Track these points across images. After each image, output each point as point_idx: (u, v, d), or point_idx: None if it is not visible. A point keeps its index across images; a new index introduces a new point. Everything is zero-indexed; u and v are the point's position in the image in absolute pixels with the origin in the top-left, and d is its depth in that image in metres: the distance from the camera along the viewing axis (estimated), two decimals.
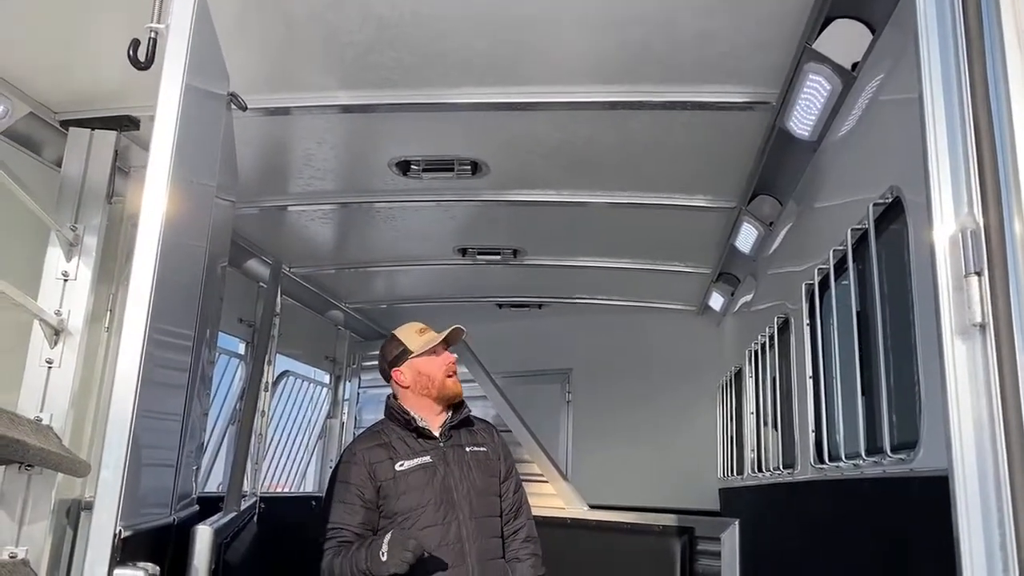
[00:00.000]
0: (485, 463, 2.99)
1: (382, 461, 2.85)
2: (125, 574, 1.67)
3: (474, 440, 3.03)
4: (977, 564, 1.38)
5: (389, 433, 2.95)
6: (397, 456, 2.87)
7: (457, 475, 2.89)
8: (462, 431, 3.02)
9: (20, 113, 3.07)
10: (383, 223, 4.85)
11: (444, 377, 2.97)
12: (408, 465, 2.85)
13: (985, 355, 1.41)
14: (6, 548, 2.52)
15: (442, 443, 2.94)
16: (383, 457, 2.86)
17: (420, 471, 2.85)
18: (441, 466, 2.88)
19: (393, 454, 2.87)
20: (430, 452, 2.90)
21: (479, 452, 3.00)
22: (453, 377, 3.00)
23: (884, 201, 2.48)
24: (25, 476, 2.59)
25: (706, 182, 4.10)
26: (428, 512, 2.80)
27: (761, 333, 4.59)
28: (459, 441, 2.98)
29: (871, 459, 2.56)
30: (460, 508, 2.83)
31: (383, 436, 2.94)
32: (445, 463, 2.89)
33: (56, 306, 2.86)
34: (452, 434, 2.98)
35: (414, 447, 2.90)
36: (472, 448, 2.99)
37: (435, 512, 2.80)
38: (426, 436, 2.93)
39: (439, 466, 2.88)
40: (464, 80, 3.08)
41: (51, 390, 2.79)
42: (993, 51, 1.52)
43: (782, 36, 2.69)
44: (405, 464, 2.85)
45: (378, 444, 2.90)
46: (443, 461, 2.90)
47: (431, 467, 2.87)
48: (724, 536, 4.36)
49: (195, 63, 1.99)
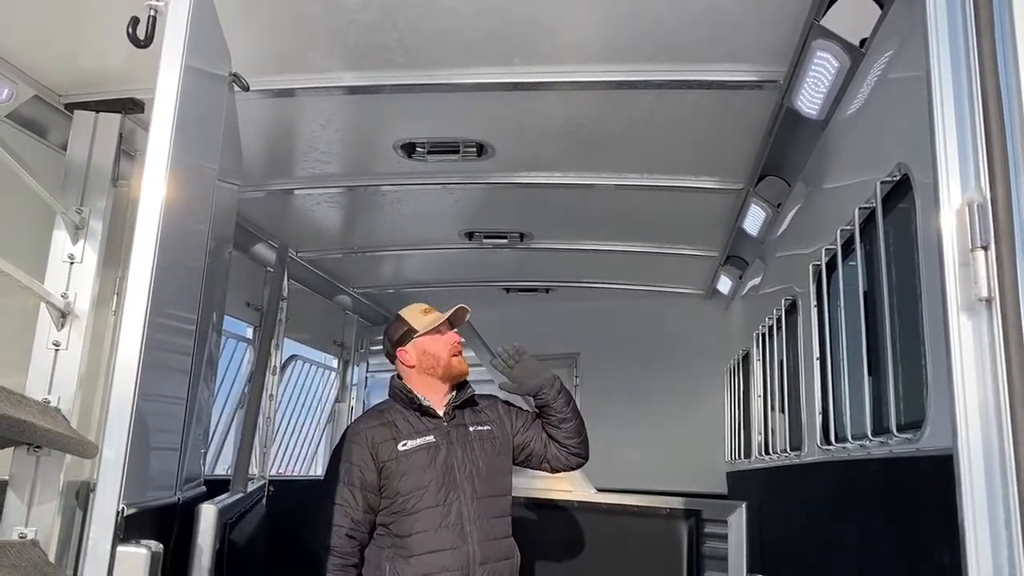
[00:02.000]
0: (491, 442, 2.98)
1: (385, 441, 2.85)
2: (128, 551, 1.68)
3: (478, 419, 3.02)
4: (982, 542, 1.37)
5: (393, 413, 2.95)
6: (400, 436, 2.87)
7: (460, 455, 2.88)
8: (466, 411, 3.02)
9: (25, 96, 3.07)
10: (389, 207, 4.84)
11: (449, 356, 2.98)
12: (411, 445, 2.85)
13: (991, 330, 1.40)
14: (16, 529, 2.54)
15: (446, 422, 2.94)
16: (386, 437, 2.86)
17: (423, 451, 2.85)
18: (444, 446, 2.88)
19: (396, 434, 2.87)
20: (433, 432, 2.90)
21: (483, 431, 2.99)
22: (458, 356, 3.01)
23: (892, 179, 2.46)
24: (33, 458, 2.60)
25: (714, 163, 4.07)
26: (429, 492, 2.80)
27: (769, 316, 4.57)
28: (463, 421, 2.98)
29: (878, 439, 2.55)
30: (462, 489, 2.83)
31: (387, 415, 2.94)
32: (448, 442, 2.89)
33: (62, 289, 2.87)
34: (456, 414, 2.98)
35: (417, 426, 2.90)
36: (476, 428, 2.98)
37: (436, 492, 2.80)
38: (430, 415, 2.94)
39: (442, 446, 2.88)
40: (469, 60, 3.06)
41: (58, 372, 2.80)
42: (1002, 25, 1.49)
43: (790, 12, 2.66)
44: (408, 444, 2.85)
45: (381, 423, 2.91)
46: (446, 441, 2.90)
47: (434, 447, 2.87)
48: (731, 519, 4.34)
49: (195, 42, 1.98)
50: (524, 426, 3.07)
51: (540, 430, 3.06)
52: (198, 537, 2.37)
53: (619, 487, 5.75)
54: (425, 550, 2.75)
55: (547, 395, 2.98)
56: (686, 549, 4.60)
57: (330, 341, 7.36)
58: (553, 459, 3.06)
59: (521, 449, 3.06)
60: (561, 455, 3.05)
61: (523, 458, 3.10)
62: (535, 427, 3.07)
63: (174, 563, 2.19)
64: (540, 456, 3.06)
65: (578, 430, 3.03)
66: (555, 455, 3.05)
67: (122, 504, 1.69)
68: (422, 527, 2.78)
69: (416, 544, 2.76)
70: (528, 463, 3.11)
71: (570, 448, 3.03)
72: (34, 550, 2.41)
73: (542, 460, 3.07)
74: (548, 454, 3.05)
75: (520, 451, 3.07)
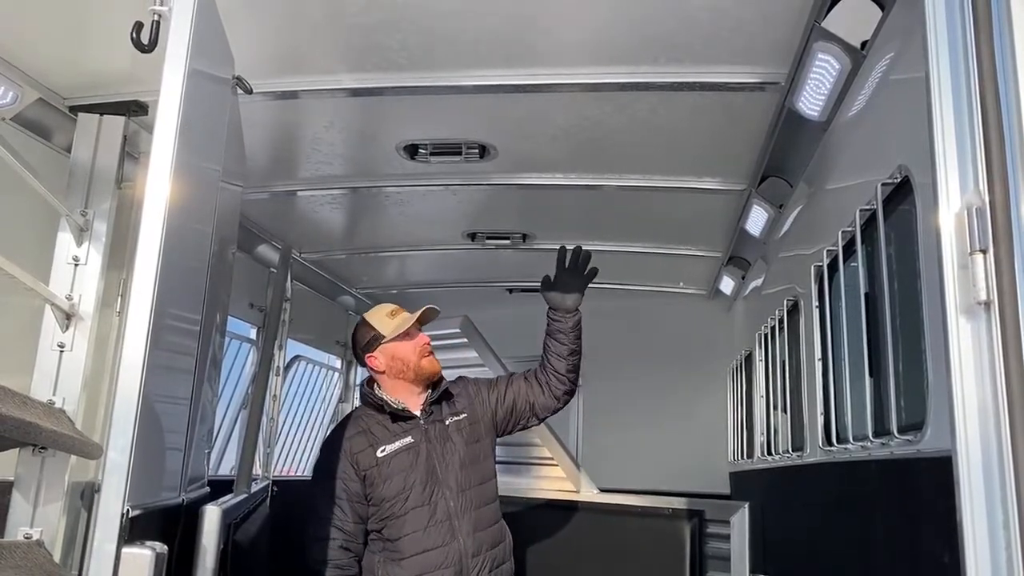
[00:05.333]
0: (469, 429, 2.95)
1: (363, 450, 2.83)
2: (133, 552, 1.70)
3: (453, 409, 2.98)
4: (980, 543, 1.38)
5: (367, 419, 2.92)
6: (377, 442, 2.84)
7: (440, 451, 2.86)
8: (442, 404, 2.99)
9: (29, 99, 3.09)
10: (392, 208, 4.85)
11: (419, 359, 2.94)
12: (389, 449, 2.83)
13: (990, 333, 1.40)
14: (21, 529, 2.56)
15: (422, 420, 2.91)
16: (364, 445, 2.84)
17: (403, 453, 2.83)
18: (423, 445, 2.86)
19: (373, 441, 2.85)
20: (411, 432, 2.87)
21: (461, 420, 2.95)
22: (429, 357, 2.96)
23: (892, 181, 2.46)
24: (39, 459, 2.62)
25: (715, 164, 4.07)
26: (414, 493, 2.78)
27: (771, 316, 4.57)
28: (439, 416, 2.95)
29: (878, 441, 2.56)
30: (446, 484, 2.82)
31: (361, 422, 2.91)
32: (427, 441, 2.87)
33: (67, 291, 2.89)
34: (432, 410, 2.95)
35: (394, 430, 2.87)
36: (453, 419, 2.95)
37: (421, 493, 2.79)
38: (404, 418, 2.92)
39: (421, 445, 2.86)
40: (471, 62, 3.07)
41: (63, 374, 2.82)
42: (1001, 27, 1.50)
43: (791, 14, 2.66)
44: (387, 448, 2.83)
45: (357, 432, 2.88)
46: (425, 439, 2.87)
47: (413, 448, 2.84)
48: (734, 519, 4.35)
49: (198, 46, 1.99)
50: (500, 390, 3.02)
51: (520, 383, 3.01)
52: (202, 538, 2.38)
53: (622, 487, 5.77)
54: (416, 551, 2.75)
55: (570, 319, 2.93)
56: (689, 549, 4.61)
57: (333, 342, 7.37)
58: (541, 406, 3.00)
59: (508, 412, 3.00)
60: (549, 393, 2.98)
61: (512, 419, 3.03)
62: (513, 384, 3.02)
63: (178, 564, 2.20)
64: (527, 409, 3.00)
65: (578, 365, 3.01)
66: (542, 401, 2.99)
67: (127, 505, 1.70)
68: (411, 528, 2.77)
69: (406, 546, 2.76)
70: (518, 423, 3.05)
71: (563, 381, 2.97)
72: (39, 551, 2.42)
73: (530, 413, 3.01)
74: (536, 401, 2.99)
75: (507, 416, 3.01)
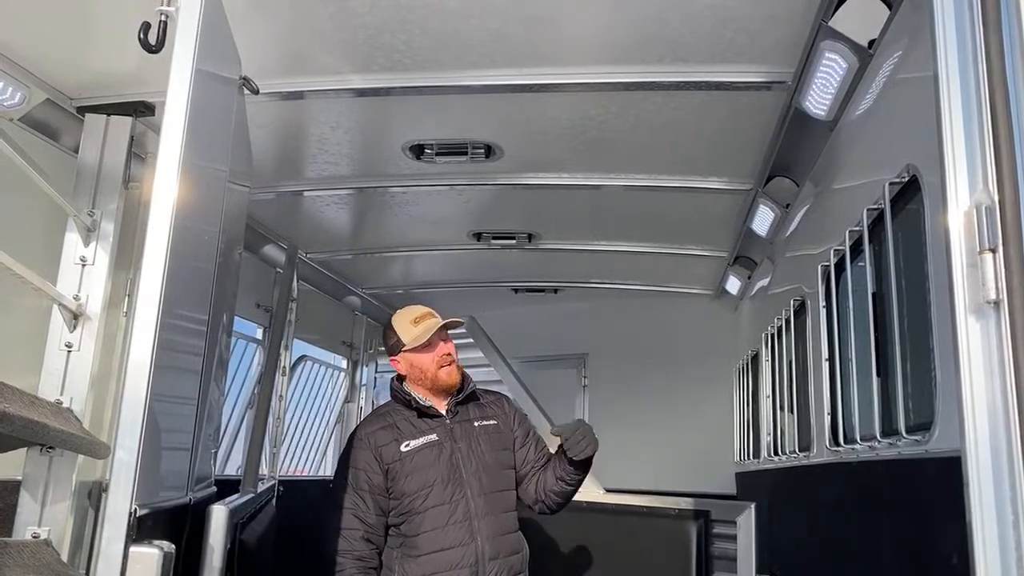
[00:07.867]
0: (496, 436, 2.96)
1: (388, 443, 2.84)
2: (140, 551, 1.70)
3: (483, 414, 2.99)
4: (990, 543, 1.37)
5: (394, 414, 2.94)
6: (402, 437, 2.86)
7: (465, 451, 2.87)
8: (470, 406, 2.99)
9: (37, 100, 3.10)
10: (398, 208, 4.85)
11: (436, 369, 2.92)
12: (414, 445, 2.84)
13: (999, 332, 1.40)
14: (29, 528, 2.57)
15: (448, 420, 2.93)
16: (388, 439, 2.85)
17: (427, 449, 2.84)
18: (448, 443, 2.87)
19: (398, 435, 2.86)
20: (436, 429, 2.89)
21: (488, 426, 2.97)
22: (447, 367, 2.93)
23: (900, 180, 2.45)
24: (46, 458, 2.62)
25: (722, 164, 4.07)
26: (436, 491, 2.79)
27: (778, 316, 4.56)
28: (467, 416, 2.96)
29: (886, 441, 2.55)
30: (469, 485, 2.82)
31: (388, 417, 2.93)
32: (452, 439, 2.88)
33: (74, 291, 2.89)
34: (459, 410, 2.96)
35: (419, 426, 2.89)
36: (481, 422, 2.96)
37: (443, 490, 2.80)
38: (431, 415, 2.94)
39: (446, 443, 2.87)
40: (477, 62, 3.07)
41: (71, 374, 2.83)
42: (1010, 25, 1.49)
43: (798, 13, 2.65)
44: (411, 444, 2.84)
45: (383, 427, 2.90)
46: (450, 438, 2.88)
47: (437, 445, 2.86)
48: (740, 520, 4.34)
49: (205, 46, 1.99)
50: (523, 441, 3.04)
51: (536, 459, 3.03)
52: (209, 537, 2.38)
53: (628, 487, 5.76)
54: (433, 548, 2.75)
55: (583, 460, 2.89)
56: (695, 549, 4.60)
57: (339, 342, 7.38)
58: (530, 494, 3.02)
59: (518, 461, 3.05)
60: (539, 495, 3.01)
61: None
62: (532, 453, 3.04)
63: (186, 563, 2.20)
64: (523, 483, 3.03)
65: (571, 495, 3.03)
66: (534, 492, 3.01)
67: (134, 504, 1.70)
68: (430, 525, 2.78)
69: (425, 543, 2.76)
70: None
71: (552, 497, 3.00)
72: (47, 550, 2.43)
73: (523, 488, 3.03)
74: (529, 486, 3.01)
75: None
